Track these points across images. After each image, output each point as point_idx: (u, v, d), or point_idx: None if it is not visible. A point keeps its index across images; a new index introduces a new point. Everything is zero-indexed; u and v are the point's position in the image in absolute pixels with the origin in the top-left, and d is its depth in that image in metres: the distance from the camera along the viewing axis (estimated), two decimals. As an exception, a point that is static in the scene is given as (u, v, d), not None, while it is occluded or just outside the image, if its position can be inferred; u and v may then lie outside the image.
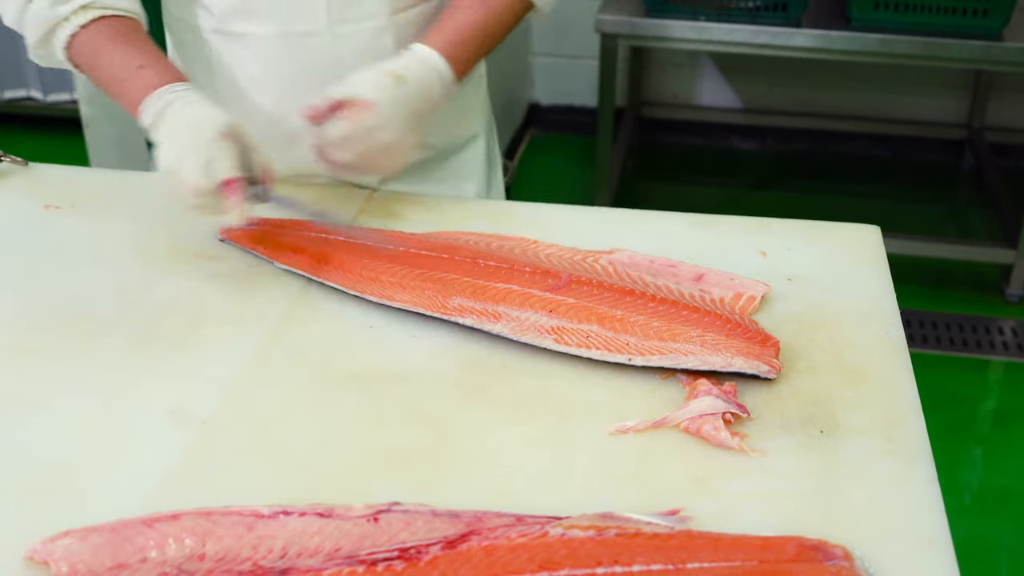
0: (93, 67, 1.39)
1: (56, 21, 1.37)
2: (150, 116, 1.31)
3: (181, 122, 1.28)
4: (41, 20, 1.37)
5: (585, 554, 0.86)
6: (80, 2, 1.37)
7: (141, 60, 1.36)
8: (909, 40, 3.03)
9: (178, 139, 1.27)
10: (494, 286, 1.23)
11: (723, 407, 1.06)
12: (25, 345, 1.19)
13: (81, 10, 1.37)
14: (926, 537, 0.94)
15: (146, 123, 1.32)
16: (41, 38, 1.39)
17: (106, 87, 1.40)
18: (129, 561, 0.87)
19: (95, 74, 1.40)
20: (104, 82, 1.40)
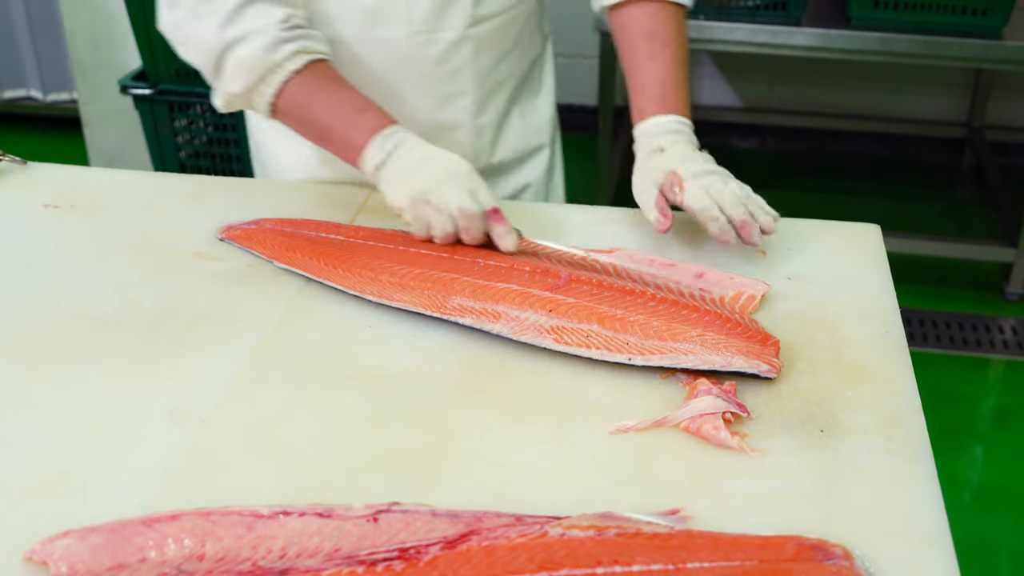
0: (307, 111, 1.39)
1: (271, 67, 1.36)
2: (381, 154, 1.34)
3: (421, 157, 1.33)
4: (256, 66, 1.35)
5: (585, 554, 0.86)
6: (294, 47, 1.36)
7: (359, 103, 1.39)
8: (909, 39, 3.03)
9: (427, 172, 1.32)
10: (494, 286, 1.23)
11: (723, 406, 1.05)
12: (24, 345, 1.19)
13: (295, 55, 1.36)
14: (926, 536, 0.94)
15: (373, 161, 1.34)
16: (251, 84, 1.37)
17: (321, 130, 1.40)
18: (128, 561, 0.87)
19: (308, 118, 1.39)
20: (319, 126, 1.39)
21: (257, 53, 1.35)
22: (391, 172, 1.34)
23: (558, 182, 1.76)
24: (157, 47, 2.89)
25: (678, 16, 1.49)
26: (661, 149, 1.40)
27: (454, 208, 1.30)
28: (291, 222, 1.41)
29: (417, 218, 1.32)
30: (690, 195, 1.33)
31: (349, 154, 1.38)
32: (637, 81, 1.46)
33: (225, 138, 3.01)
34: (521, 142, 1.66)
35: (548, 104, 1.71)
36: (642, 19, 1.48)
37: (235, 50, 1.35)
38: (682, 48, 1.48)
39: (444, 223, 1.30)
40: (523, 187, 1.69)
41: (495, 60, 1.56)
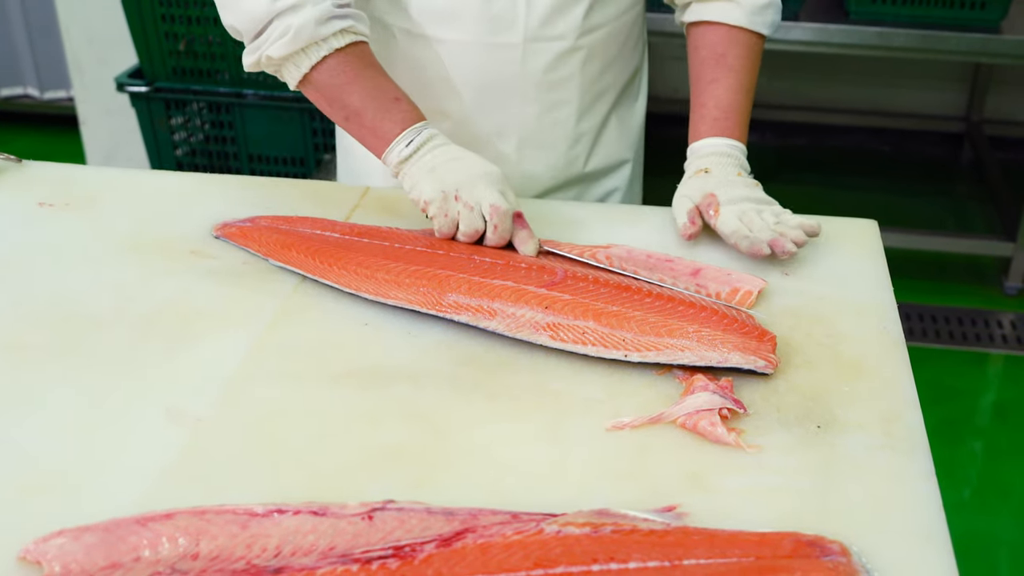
0: (341, 90, 1.38)
1: (316, 39, 1.35)
2: (409, 148, 1.34)
3: (451, 156, 1.34)
4: (302, 36, 1.34)
5: (581, 551, 0.86)
6: (342, 25, 1.36)
7: (395, 92, 1.39)
8: (907, 33, 3.02)
9: (459, 169, 1.32)
10: (489, 282, 1.22)
11: (720, 403, 1.05)
12: (19, 343, 1.19)
13: (341, 33, 1.36)
14: (924, 532, 0.93)
15: (401, 154, 1.35)
16: (292, 53, 1.36)
17: (351, 112, 1.39)
18: (122, 560, 0.86)
19: (340, 97, 1.39)
20: (350, 108, 1.39)
21: (307, 24, 1.34)
22: (419, 167, 1.34)
23: (638, 189, 1.76)
24: (153, 45, 2.89)
25: (751, 43, 1.49)
26: (706, 170, 1.41)
27: (486, 205, 1.30)
28: (286, 219, 1.41)
29: (445, 214, 1.32)
30: (723, 220, 1.35)
31: (374, 142, 1.38)
32: (698, 102, 1.48)
33: (222, 135, 3.01)
34: (615, 151, 1.66)
35: (640, 114, 1.71)
36: (715, 42, 1.48)
37: (284, 17, 1.35)
38: (749, 75, 1.48)
39: (475, 220, 1.31)
40: (611, 191, 1.69)
41: (601, 69, 1.56)
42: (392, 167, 1.37)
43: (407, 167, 1.35)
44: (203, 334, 1.20)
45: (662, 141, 2.73)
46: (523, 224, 1.32)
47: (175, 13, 2.84)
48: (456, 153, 1.35)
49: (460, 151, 1.35)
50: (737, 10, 1.47)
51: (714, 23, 1.48)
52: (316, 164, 2.98)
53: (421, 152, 1.34)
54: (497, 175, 1.33)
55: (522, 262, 1.27)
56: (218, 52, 2.89)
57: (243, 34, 1.40)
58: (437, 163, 1.33)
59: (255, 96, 2.91)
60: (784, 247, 1.31)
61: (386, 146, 1.36)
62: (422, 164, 1.34)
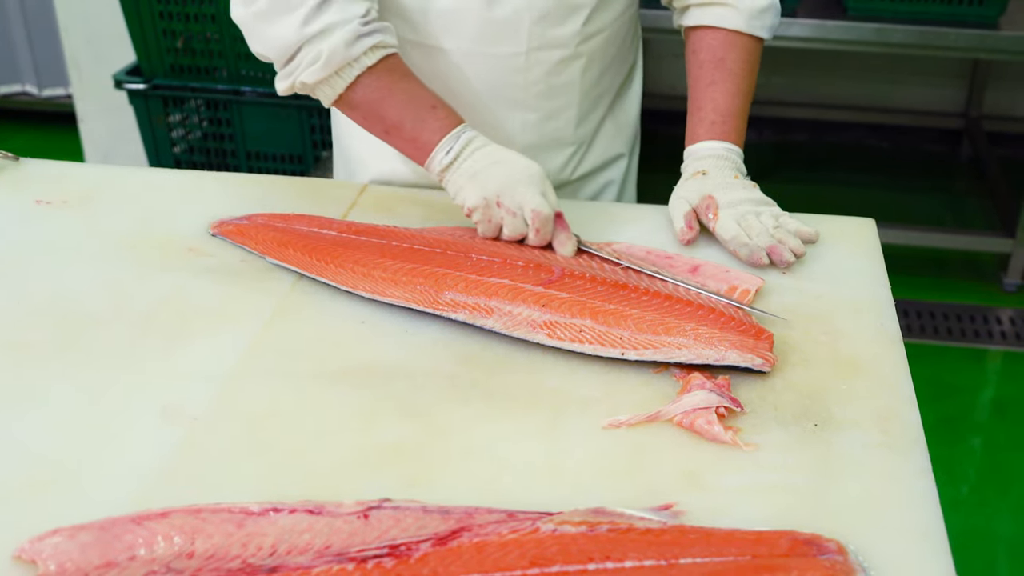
0: (378, 105, 1.38)
1: (348, 61, 1.35)
2: (452, 152, 1.34)
3: (492, 159, 1.34)
4: (334, 61, 1.34)
5: (577, 550, 0.86)
6: (371, 42, 1.35)
7: (432, 100, 1.38)
8: (905, 29, 3.02)
9: (500, 173, 1.32)
10: (486, 280, 1.22)
11: (716, 401, 1.05)
12: (16, 341, 1.18)
13: (371, 50, 1.36)
14: (921, 530, 0.93)
15: (443, 162, 1.35)
16: (328, 77, 1.36)
17: (389, 125, 1.39)
18: (118, 559, 0.86)
19: (378, 112, 1.39)
20: (388, 121, 1.38)
21: (337, 48, 1.33)
22: (461, 173, 1.34)
23: (633, 181, 1.76)
24: (151, 42, 2.89)
25: (750, 47, 1.49)
26: (704, 172, 1.41)
27: (528, 210, 1.31)
28: (283, 217, 1.41)
29: (489, 220, 1.32)
30: (721, 224, 1.35)
31: (415, 152, 1.38)
32: (696, 105, 1.48)
33: (220, 132, 3.00)
34: (611, 147, 1.67)
35: (635, 108, 1.71)
36: (714, 46, 1.48)
37: (314, 44, 1.34)
38: (748, 79, 1.48)
39: (518, 225, 1.32)
40: (606, 184, 1.69)
41: (600, 73, 1.57)
42: (435, 175, 1.37)
43: (449, 175, 1.35)
44: (200, 332, 1.20)
45: (658, 138, 2.74)
46: (563, 225, 1.33)
47: (173, 10, 2.84)
48: (496, 155, 1.34)
49: (500, 152, 1.35)
50: (736, 14, 1.47)
51: (713, 27, 1.48)
52: (314, 161, 2.98)
53: (461, 158, 1.34)
54: (538, 175, 1.33)
55: (519, 260, 1.27)
56: (216, 49, 2.88)
57: (273, 59, 1.40)
58: (478, 168, 1.33)
59: (253, 93, 2.91)
60: (782, 256, 1.31)
61: (427, 156, 1.36)
62: (463, 170, 1.34)
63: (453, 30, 1.46)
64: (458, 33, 1.46)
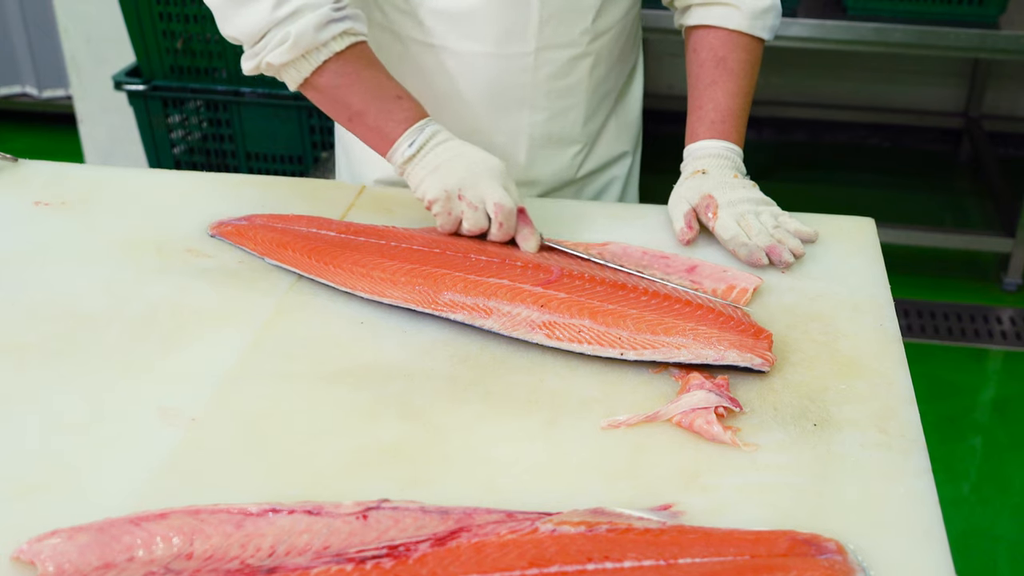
0: (343, 92, 1.38)
1: (316, 45, 1.35)
2: (412, 147, 1.34)
3: (454, 152, 1.34)
4: (301, 44, 1.34)
5: (575, 550, 0.86)
6: (341, 27, 1.35)
7: (397, 90, 1.38)
8: (905, 29, 3.02)
9: (461, 167, 1.32)
10: (485, 281, 1.22)
11: (716, 401, 1.05)
12: (15, 342, 1.18)
13: (341, 36, 1.36)
14: (920, 530, 0.93)
15: (405, 153, 1.35)
16: (293, 59, 1.36)
17: (353, 113, 1.38)
18: (116, 560, 0.86)
19: (343, 99, 1.38)
20: (353, 109, 1.38)
21: (305, 31, 1.33)
22: (423, 166, 1.34)
23: (636, 178, 1.76)
24: (151, 43, 2.89)
25: (751, 47, 1.49)
26: (703, 171, 1.41)
27: (490, 204, 1.30)
28: (282, 218, 1.41)
29: (449, 212, 1.32)
30: (721, 224, 1.35)
31: (378, 141, 1.38)
32: (695, 104, 1.48)
33: (219, 133, 3.00)
34: (615, 145, 1.67)
35: (638, 106, 1.71)
36: (715, 45, 1.48)
37: (283, 26, 1.34)
38: (748, 79, 1.48)
39: (479, 219, 1.31)
40: (610, 181, 1.69)
41: (606, 72, 1.57)
42: (397, 167, 1.37)
43: (411, 167, 1.35)
44: (198, 333, 1.20)
45: (657, 138, 2.74)
46: (526, 220, 1.33)
47: (172, 11, 2.84)
48: (458, 149, 1.34)
49: (462, 146, 1.35)
50: (737, 14, 1.47)
51: (714, 27, 1.48)
52: (313, 162, 2.98)
53: (424, 151, 1.34)
54: (499, 169, 1.33)
55: (518, 260, 1.27)
56: (215, 50, 2.88)
57: (243, 43, 1.39)
58: (440, 161, 1.33)
59: (253, 94, 2.91)
60: (781, 256, 1.31)
61: (390, 146, 1.36)
62: (425, 163, 1.34)
63: (462, 30, 1.46)
64: (467, 34, 1.46)
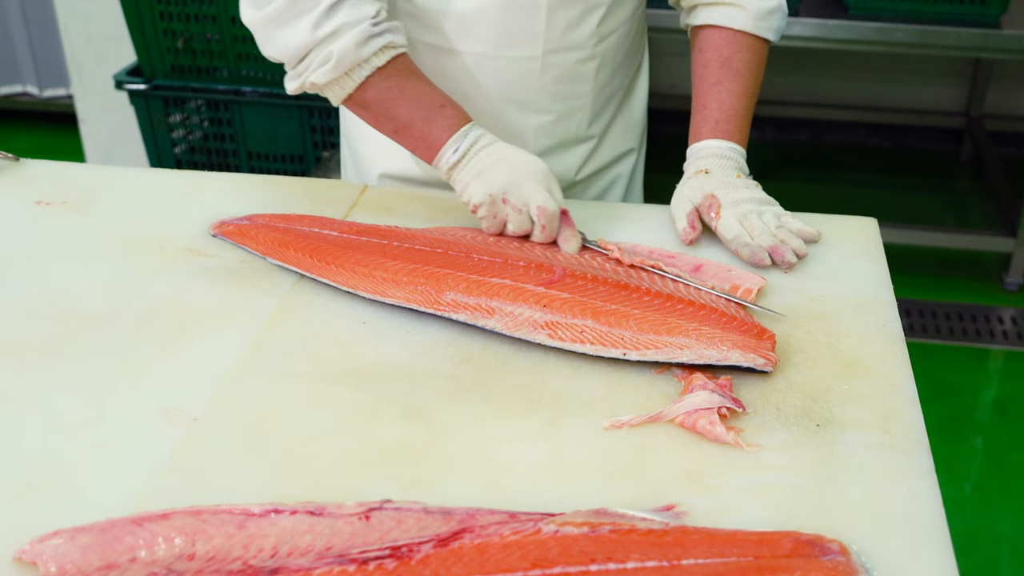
0: (388, 105, 1.38)
1: (359, 62, 1.35)
2: (459, 150, 1.34)
3: (500, 156, 1.34)
4: (345, 62, 1.34)
5: (579, 551, 0.85)
6: (381, 42, 1.35)
7: (441, 99, 1.39)
8: (906, 28, 3.02)
9: (505, 170, 1.33)
10: (488, 281, 1.22)
11: (718, 401, 1.05)
12: (15, 342, 1.18)
13: (382, 50, 1.36)
14: (924, 530, 0.93)
15: (450, 160, 1.35)
16: (338, 78, 1.36)
17: (399, 125, 1.39)
18: (118, 561, 0.86)
19: (388, 112, 1.39)
20: (398, 121, 1.38)
21: (348, 49, 1.33)
22: (468, 171, 1.34)
23: (640, 176, 1.76)
24: (152, 42, 2.88)
25: (757, 48, 1.48)
26: (706, 171, 1.41)
27: (534, 207, 1.31)
28: (284, 217, 1.40)
29: (494, 216, 1.33)
30: (723, 224, 1.35)
31: (424, 150, 1.38)
32: (700, 104, 1.47)
33: (221, 133, 3.00)
34: (620, 144, 1.67)
35: (643, 103, 1.71)
36: (720, 45, 1.48)
37: (325, 45, 1.34)
38: (754, 80, 1.48)
39: (523, 221, 1.32)
40: (615, 179, 1.69)
41: (611, 73, 1.57)
42: (443, 173, 1.37)
43: (456, 172, 1.35)
44: (200, 333, 1.20)
45: (658, 136, 2.73)
46: (568, 222, 1.33)
47: (173, 11, 2.83)
48: (502, 152, 1.35)
49: (506, 149, 1.35)
50: (743, 15, 1.46)
51: (720, 27, 1.48)
52: (315, 161, 2.97)
53: (468, 156, 1.35)
54: (543, 172, 1.34)
55: (520, 260, 1.27)
56: (216, 50, 2.88)
57: (284, 61, 1.39)
58: (484, 165, 1.33)
59: (254, 93, 2.90)
60: (784, 256, 1.31)
61: (435, 154, 1.36)
62: (470, 168, 1.34)
63: (470, 33, 1.46)
64: (475, 36, 1.46)
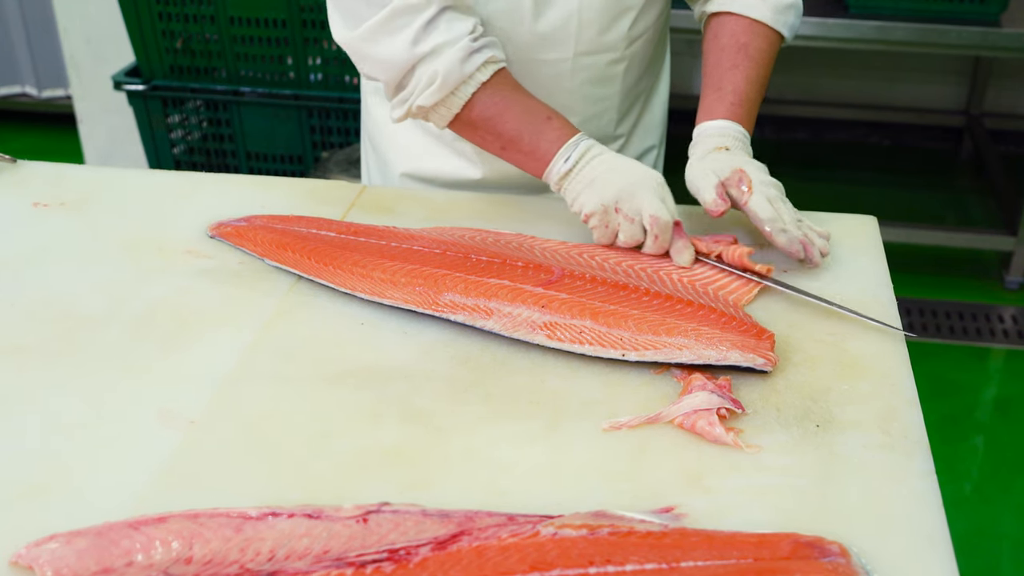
0: (496, 121, 1.37)
1: (463, 79, 1.34)
2: (570, 160, 1.33)
3: (613, 164, 1.32)
4: (450, 80, 1.33)
5: (577, 554, 0.85)
6: (483, 58, 1.34)
7: (547, 111, 1.38)
8: (906, 27, 3.02)
9: (617, 180, 1.31)
10: (486, 281, 1.22)
11: (718, 402, 1.04)
12: (13, 344, 1.18)
13: (484, 66, 1.35)
14: (924, 532, 0.92)
15: (561, 170, 1.33)
16: (444, 98, 1.35)
17: (507, 140, 1.37)
18: (115, 565, 0.86)
19: (496, 128, 1.37)
20: (506, 136, 1.37)
21: (452, 67, 1.32)
22: (579, 180, 1.32)
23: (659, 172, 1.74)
24: (150, 43, 2.88)
25: (772, 40, 1.47)
26: (726, 148, 1.38)
27: (647, 216, 1.29)
28: (282, 219, 1.40)
29: (606, 225, 1.31)
30: (756, 201, 1.31)
31: (533, 164, 1.37)
32: (714, 84, 1.45)
33: (219, 133, 3.00)
34: (643, 142, 1.66)
35: (664, 101, 1.70)
36: (737, 32, 1.46)
37: (427, 63, 1.33)
38: (766, 70, 1.47)
39: (635, 231, 1.30)
40: None
41: (639, 75, 1.56)
42: (553, 184, 1.35)
43: (567, 182, 1.34)
44: (198, 334, 1.20)
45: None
46: (680, 233, 1.31)
47: (172, 11, 2.83)
48: (614, 163, 1.33)
49: (618, 159, 1.33)
50: (762, 5, 1.46)
51: (737, 15, 1.47)
52: (314, 161, 2.97)
53: (580, 165, 1.33)
54: (656, 181, 1.31)
55: (519, 261, 1.27)
56: (215, 50, 2.88)
57: (385, 83, 1.38)
58: (596, 175, 1.32)
59: (252, 94, 2.90)
60: (813, 256, 1.30)
61: (545, 166, 1.35)
62: (581, 177, 1.32)
63: (508, 38, 1.44)
64: (512, 41, 1.44)
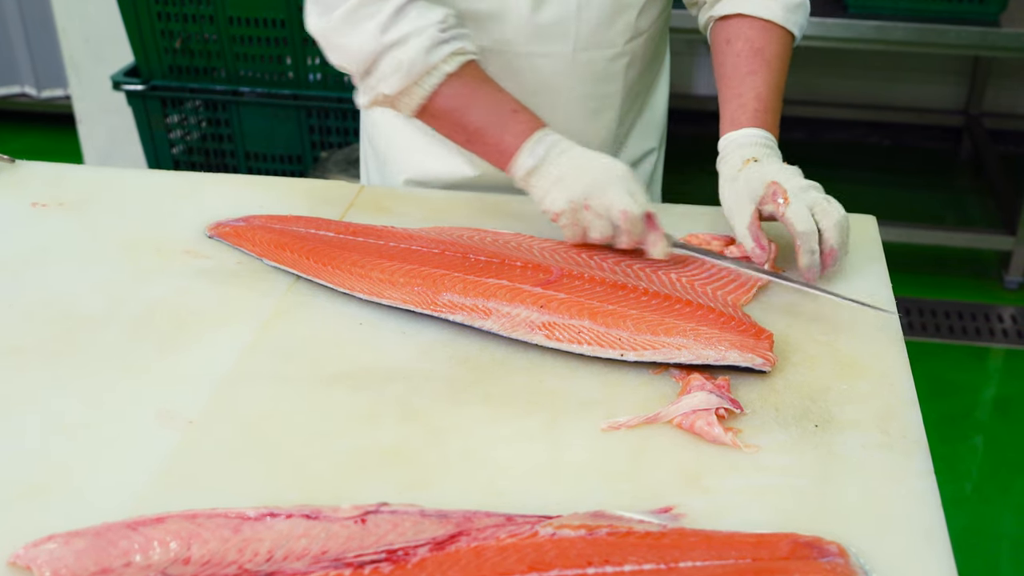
0: (461, 113, 1.36)
1: (427, 69, 1.33)
2: (535, 156, 1.31)
3: (579, 160, 1.30)
4: (414, 70, 1.32)
5: (575, 554, 0.85)
6: (450, 49, 1.33)
7: (512, 104, 1.36)
8: (906, 27, 3.02)
9: (585, 176, 1.29)
10: (484, 281, 1.22)
11: (716, 402, 1.04)
12: (12, 344, 1.18)
13: (451, 57, 1.33)
14: (923, 532, 0.92)
15: (525, 166, 1.32)
16: (406, 86, 1.34)
17: (471, 132, 1.36)
18: (113, 566, 0.86)
19: (460, 120, 1.36)
20: (471, 128, 1.36)
21: (416, 56, 1.31)
22: (546, 178, 1.31)
23: (659, 175, 1.74)
24: (149, 43, 2.88)
25: (786, 41, 1.46)
26: (755, 159, 1.36)
27: (616, 212, 1.27)
28: (280, 218, 1.40)
29: (576, 223, 1.30)
30: (794, 212, 1.27)
31: (497, 157, 1.35)
32: (734, 92, 1.42)
33: (218, 133, 3.00)
34: (643, 143, 1.66)
35: (664, 102, 1.69)
36: (751, 35, 1.44)
37: (392, 52, 1.32)
38: (783, 73, 1.45)
39: (604, 227, 1.28)
40: None
41: (641, 71, 1.56)
42: (519, 180, 1.34)
43: (533, 179, 1.32)
44: (196, 335, 1.19)
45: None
46: (653, 226, 1.28)
47: (171, 11, 2.83)
48: (580, 159, 1.31)
49: (583, 154, 1.31)
50: (774, 5, 1.44)
51: (750, 16, 1.44)
52: (313, 161, 2.97)
53: (546, 161, 1.31)
54: (624, 174, 1.29)
55: (517, 260, 1.26)
56: (214, 50, 2.87)
57: (352, 72, 1.38)
58: (563, 171, 1.30)
59: (252, 94, 2.90)
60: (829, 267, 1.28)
61: (509, 160, 1.33)
62: (547, 174, 1.30)
63: (499, 30, 1.44)
64: (514, 34, 1.44)
